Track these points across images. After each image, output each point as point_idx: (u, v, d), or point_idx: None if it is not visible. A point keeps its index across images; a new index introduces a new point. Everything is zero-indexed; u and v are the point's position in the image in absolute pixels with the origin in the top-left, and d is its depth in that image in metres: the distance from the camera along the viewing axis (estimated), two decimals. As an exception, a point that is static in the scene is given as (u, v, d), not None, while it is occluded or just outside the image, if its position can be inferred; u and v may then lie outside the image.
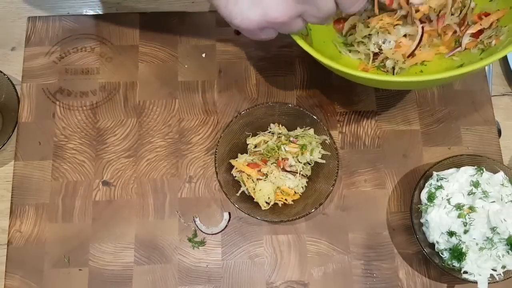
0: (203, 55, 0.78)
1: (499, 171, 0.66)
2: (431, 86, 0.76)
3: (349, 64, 0.70)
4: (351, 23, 0.70)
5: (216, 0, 0.50)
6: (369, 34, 0.68)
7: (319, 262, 0.69)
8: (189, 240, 0.69)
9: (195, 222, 0.70)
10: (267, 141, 0.69)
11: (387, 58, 0.68)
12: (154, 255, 0.68)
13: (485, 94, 0.77)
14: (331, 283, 0.68)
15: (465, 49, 0.67)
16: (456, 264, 0.63)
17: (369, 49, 0.68)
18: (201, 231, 0.69)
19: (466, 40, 0.66)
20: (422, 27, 0.66)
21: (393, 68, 0.68)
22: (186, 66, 0.77)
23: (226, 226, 0.70)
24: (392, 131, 0.75)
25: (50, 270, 0.67)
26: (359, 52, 0.70)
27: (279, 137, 0.69)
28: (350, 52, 0.70)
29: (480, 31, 0.66)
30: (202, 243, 0.69)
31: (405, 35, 0.67)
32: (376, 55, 0.69)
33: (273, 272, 0.68)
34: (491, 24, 0.65)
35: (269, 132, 0.71)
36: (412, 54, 0.67)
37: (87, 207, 0.70)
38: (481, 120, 0.76)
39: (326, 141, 0.68)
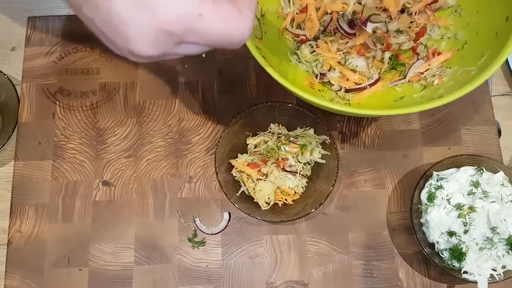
0: (203, 55, 0.77)
1: (499, 171, 0.66)
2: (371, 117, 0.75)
3: (297, 75, 0.68)
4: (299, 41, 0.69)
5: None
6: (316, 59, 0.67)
7: (319, 262, 0.69)
8: (189, 240, 0.69)
9: (195, 222, 0.70)
10: (267, 141, 0.69)
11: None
12: (154, 255, 0.68)
13: (485, 94, 0.77)
14: (331, 283, 0.68)
15: (408, 81, 0.67)
16: (456, 264, 0.63)
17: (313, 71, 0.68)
18: (201, 231, 0.69)
19: (411, 73, 0.67)
20: (379, 76, 0.66)
21: (338, 90, 0.68)
22: (186, 66, 0.77)
23: (226, 226, 0.70)
24: (392, 131, 0.75)
25: (50, 270, 0.67)
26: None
27: (279, 137, 0.69)
28: (299, 63, 0.68)
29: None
30: (202, 243, 0.69)
31: (354, 70, 0.67)
32: (323, 74, 0.68)
33: (273, 272, 0.68)
34: None
35: (269, 132, 0.71)
36: (356, 90, 0.67)
37: (87, 207, 0.70)
38: (481, 120, 0.76)
39: (326, 141, 0.68)
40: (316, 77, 0.67)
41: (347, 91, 0.67)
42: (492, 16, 0.61)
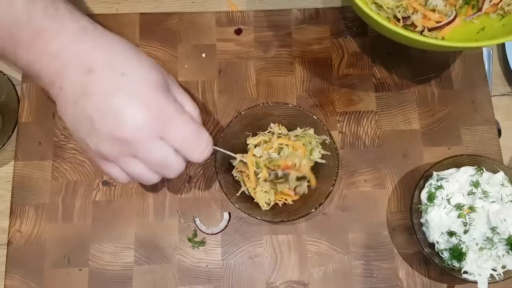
0: (203, 55, 0.78)
1: (499, 171, 0.66)
2: (454, 50, 0.78)
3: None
4: None
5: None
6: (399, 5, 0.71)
7: (319, 262, 0.69)
8: (189, 240, 0.69)
9: (195, 222, 0.70)
10: (267, 141, 0.69)
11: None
12: (154, 255, 0.68)
13: (485, 94, 0.77)
14: (331, 283, 0.68)
15: (484, 13, 0.70)
16: (456, 264, 0.63)
17: (395, 16, 0.72)
18: (201, 231, 0.69)
19: (486, 5, 0.70)
20: (456, 13, 0.71)
21: (422, 31, 0.71)
22: (186, 66, 0.77)
23: (226, 226, 0.70)
24: (392, 131, 0.75)
25: (50, 270, 0.67)
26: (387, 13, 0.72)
27: (279, 137, 0.69)
28: (380, 10, 0.73)
29: None
30: (202, 243, 0.69)
31: (433, 10, 0.70)
32: (405, 18, 0.71)
33: (273, 272, 0.68)
34: None
35: (269, 132, 0.71)
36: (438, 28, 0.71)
37: (87, 207, 0.70)
38: (481, 120, 0.76)
39: (326, 141, 0.68)
40: (398, 21, 0.72)
41: (429, 30, 0.71)
42: None
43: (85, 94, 0.44)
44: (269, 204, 0.67)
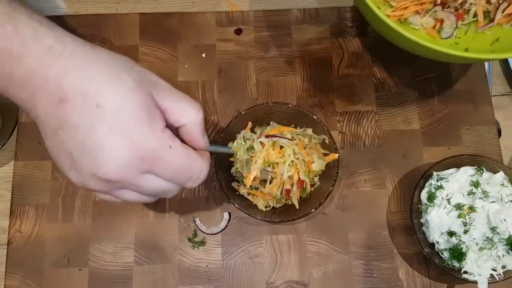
0: (203, 55, 0.78)
1: (499, 171, 0.66)
2: (468, 62, 0.77)
3: None
4: None
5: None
6: None
7: (319, 262, 0.69)
8: (189, 240, 0.69)
9: (195, 222, 0.70)
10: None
11: None
12: (154, 255, 0.68)
13: (485, 94, 0.77)
14: (331, 283, 0.68)
15: (497, 24, 0.69)
16: (456, 264, 0.63)
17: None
18: (201, 231, 0.69)
19: (499, 15, 0.68)
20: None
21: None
22: (186, 66, 0.77)
23: (226, 226, 0.70)
24: (392, 131, 0.75)
25: (50, 270, 0.67)
26: None
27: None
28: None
29: None
30: (202, 243, 0.69)
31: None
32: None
33: (273, 272, 0.68)
34: None
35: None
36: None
37: (87, 207, 0.70)
38: (481, 120, 0.76)
39: (326, 141, 0.68)
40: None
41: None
42: None
43: (61, 127, 0.39)
44: (268, 207, 0.67)
